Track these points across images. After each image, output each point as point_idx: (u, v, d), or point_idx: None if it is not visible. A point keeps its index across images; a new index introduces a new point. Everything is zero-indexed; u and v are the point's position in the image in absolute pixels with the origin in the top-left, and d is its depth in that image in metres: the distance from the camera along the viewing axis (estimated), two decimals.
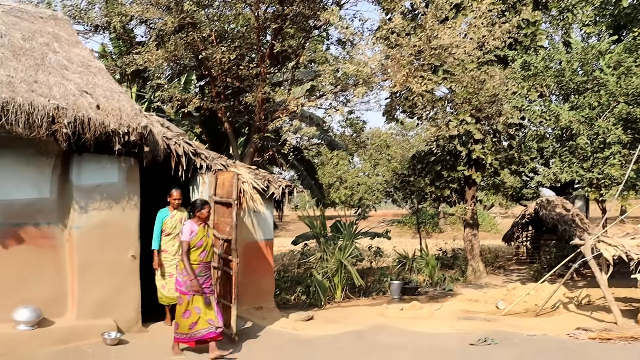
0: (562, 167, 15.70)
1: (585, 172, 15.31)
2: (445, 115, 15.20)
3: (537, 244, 21.48)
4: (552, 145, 16.48)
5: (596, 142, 15.45)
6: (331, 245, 13.47)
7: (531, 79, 16.18)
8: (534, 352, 7.89)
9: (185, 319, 7.68)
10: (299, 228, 25.37)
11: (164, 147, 8.92)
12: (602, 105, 15.83)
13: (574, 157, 15.77)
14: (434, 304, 12.38)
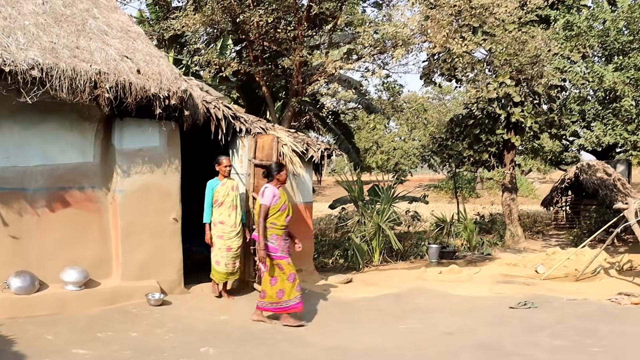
0: (605, 129, 15.38)
1: (629, 135, 14.97)
2: (485, 78, 14.94)
3: (577, 208, 21.21)
4: (595, 108, 16.13)
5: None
6: (369, 209, 13.48)
7: (574, 39, 15.76)
8: (575, 316, 7.82)
9: (273, 285, 7.51)
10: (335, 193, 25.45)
11: (203, 111, 8.96)
12: None
13: (617, 119, 15.42)
14: (473, 268, 12.35)
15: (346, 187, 14.56)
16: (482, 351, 6.12)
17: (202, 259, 11.20)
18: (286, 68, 12.98)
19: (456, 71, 14.51)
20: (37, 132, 7.99)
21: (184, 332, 7.00)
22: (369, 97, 17.76)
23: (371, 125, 32.37)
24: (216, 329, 7.18)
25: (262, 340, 6.73)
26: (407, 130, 35.27)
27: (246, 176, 9.36)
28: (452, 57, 12.31)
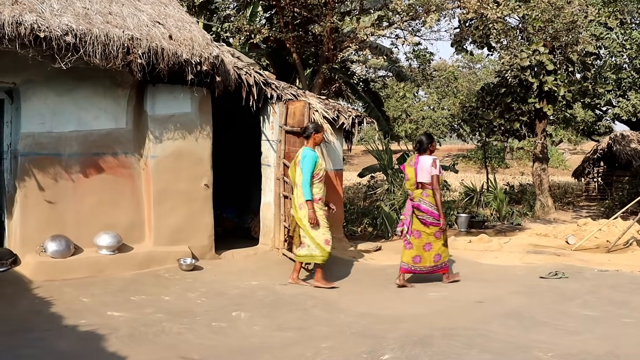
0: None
1: None
2: (518, 45, 14.68)
3: (609, 180, 20.92)
4: (631, 76, 15.80)
5: None
6: (398, 178, 13.43)
7: (612, 4, 15.38)
8: (607, 286, 7.76)
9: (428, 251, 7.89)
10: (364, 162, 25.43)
11: (235, 77, 8.95)
12: None
13: None
14: (502, 238, 12.30)
15: (375, 155, 14.51)
16: (512, 320, 6.11)
17: (232, 226, 11.40)
18: (317, 35, 12.88)
19: (489, 38, 14.26)
20: (71, 98, 8.08)
21: (216, 297, 7.10)
22: (399, 64, 17.58)
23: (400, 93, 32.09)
24: (248, 294, 7.27)
25: (295, 305, 6.79)
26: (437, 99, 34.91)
27: (277, 143, 9.36)
28: (485, 23, 12.08)
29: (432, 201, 7.80)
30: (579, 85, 16.47)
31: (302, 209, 7.76)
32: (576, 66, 16.70)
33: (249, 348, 5.27)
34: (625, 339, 5.49)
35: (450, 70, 31.31)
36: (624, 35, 15.82)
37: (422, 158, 7.92)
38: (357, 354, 5.05)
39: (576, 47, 14.30)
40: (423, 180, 7.86)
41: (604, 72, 17.42)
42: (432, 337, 5.45)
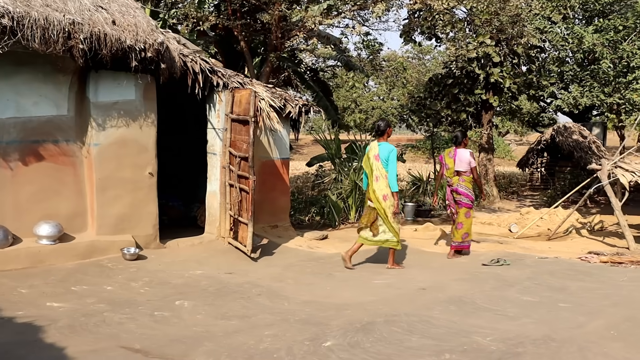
0: (582, 91, 15.48)
1: (605, 97, 15.11)
2: (465, 37, 14.87)
3: (552, 170, 21.43)
4: (573, 70, 16.20)
5: (619, 66, 15.18)
6: (346, 167, 13.50)
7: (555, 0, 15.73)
8: (547, 273, 7.97)
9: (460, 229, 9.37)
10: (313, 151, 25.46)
11: (180, 65, 8.83)
12: (627, 28, 15.44)
13: (595, 81, 15.52)
14: (447, 226, 12.47)
15: (323, 144, 14.55)
16: (454, 306, 6.22)
17: (178, 215, 11.28)
18: (265, 23, 12.77)
19: (436, 29, 14.42)
20: (10, 83, 7.84)
21: (160, 286, 7.02)
22: (348, 54, 17.60)
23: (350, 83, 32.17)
24: (192, 283, 7.21)
25: (239, 294, 6.77)
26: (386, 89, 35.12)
27: (223, 131, 9.29)
28: (432, 14, 12.19)
29: (469, 186, 9.38)
30: (524, 77, 16.80)
31: (388, 200, 8.18)
32: (521, 59, 17.01)
33: (192, 337, 5.23)
34: (561, 322, 5.65)
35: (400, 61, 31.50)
36: (566, 30, 16.19)
37: (459, 151, 9.48)
38: (300, 341, 5.07)
39: (521, 40, 14.57)
40: (460, 169, 9.39)
41: (548, 65, 17.81)
42: (374, 323, 5.51)
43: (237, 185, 8.83)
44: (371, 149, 8.40)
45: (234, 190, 8.94)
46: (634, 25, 15.41)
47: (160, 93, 8.95)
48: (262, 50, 15.88)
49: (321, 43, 15.76)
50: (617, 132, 21.82)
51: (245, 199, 8.61)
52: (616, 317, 5.81)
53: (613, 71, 15.15)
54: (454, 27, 14.29)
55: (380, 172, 8.22)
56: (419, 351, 4.86)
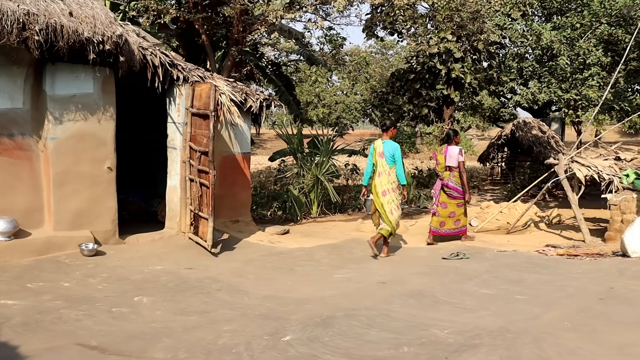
0: (540, 87, 15.72)
1: (563, 93, 15.37)
2: (426, 32, 14.99)
3: (512, 165, 21.71)
4: (532, 66, 16.43)
5: (576, 63, 15.45)
6: (308, 162, 13.50)
7: None
8: (505, 266, 8.09)
9: (451, 217, 10.26)
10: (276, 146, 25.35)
11: (140, 58, 8.71)
12: (584, 26, 15.72)
13: (553, 77, 15.77)
14: (409, 221, 12.57)
15: (285, 139, 14.53)
16: (413, 299, 6.28)
17: (138, 210, 11.16)
18: (227, 16, 12.67)
19: (397, 24, 14.50)
20: None
21: (118, 282, 6.95)
22: (310, 48, 17.60)
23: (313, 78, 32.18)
24: (151, 279, 7.15)
25: (199, 289, 6.74)
26: (349, 84, 35.21)
27: (183, 125, 9.21)
28: (394, 9, 12.25)
29: (458, 180, 10.20)
30: (484, 73, 17.02)
31: (387, 195, 8.69)
32: (482, 55, 17.22)
33: (150, 333, 5.19)
34: (517, 314, 5.75)
35: (362, 56, 31.61)
36: (525, 27, 16.41)
37: (450, 148, 10.22)
38: (259, 336, 5.06)
39: (481, 36, 14.74)
40: (450, 165, 10.19)
41: (508, 61, 18.04)
42: (334, 317, 5.53)
43: (198, 180, 8.76)
44: (376, 147, 8.85)
45: (195, 185, 8.87)
46: (590, 24, 15.69)
47: (119, 86, 8.82)
48: (224, 44, 15.76)
49: (283, 37, 15.73)
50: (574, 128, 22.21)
51: (206, 194, 8.55)
52: (570, 308, 5.93)
53: (570, 68, 15.40)
54: (415, 23, 14.39)
55: (383, 168, 8.72)
56: (378, 345, 4.89)
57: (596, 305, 6.04)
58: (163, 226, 9.69)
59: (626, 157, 12.08)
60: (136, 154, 11.24)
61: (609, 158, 11.91)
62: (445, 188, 10.24)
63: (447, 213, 10.21)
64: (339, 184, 15.79)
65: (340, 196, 13.76)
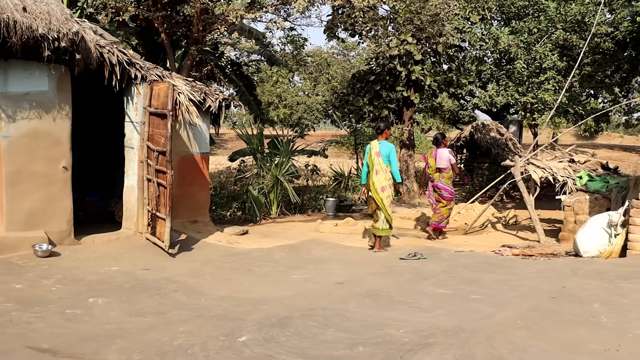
0: (498, 90, 15.98)
1: (520, 96, 15.65)
2: (387, 34, 15.08)
3: (471, 166, 21.99)
4: (491, 69, 16.70)
5: (532, 66, 15.75)
6: (268, 162, 13.48)
7: (474, 1, 16.17)
8: (461, 266, 8.19)
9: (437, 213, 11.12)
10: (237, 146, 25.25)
11: (97, 56, 8.58)
12: (540, 30, 16.05)
13: (510, 81, 16.05)
14: (368, 221, 12.63)
15: (245, 139, 14.48)
16: (369, 299, 6.32)
17: (95, 210, 11.01)
18: (187, 15, 12.55)
19: (357, 26, 14.55)
20: None
21: (73, 283, 6.83)
22: (271, 48, 17.55)
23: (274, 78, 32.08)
24: (107, 280, 7.05)
25: (156, 290, 6.67)
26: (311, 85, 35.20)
27: (141, 125, 9.11)
28: (354, 11, 12.30)
29: (448, 182, 11.07)
30: (444, 75, 17.18)
31: (385, 191, 9.39)
32: (442, 57, 17.39)
33: (104, 335, 5.11)
34: (472, 313, 5.82)
35: (324, 57, 31.63)
36: (484, 30, 16.67)
37: (440, 150, 11.08)
38: (215, 336, 5.03)
39: (440, 39, 14.89)
40: (441, 166, 11.01)
41: (467, 64, 18.29)
42: (290, 318, 5.53)
43: (155, 180, 8.68)
44: (373, 147, 9.54)
45: (152, 185, 8.79)
46: (546, 29, 16.03)
47: (76, 84, 8.68)
48: (184, 42, 15.61)
49: (244, 37, 15.65)
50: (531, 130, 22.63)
51: (163, 194, 8.48)
52: (522, 307, 6.03)
53: (527, 71, 15.71)
54: (375, 25, 14.47)
55: (380, 166, 9.40)
56: (334, 344, 4.91)
57: (548, 304, 6.16)
58: (120, 226, 9.57)
59: (580, 159, 12.36)
60: (94, 153, 11.09)
61: (563, 160, 12.18)
62: (436, 189, 11.13)
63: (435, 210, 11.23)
64: (299, 185, 15.80)
65: (300, 197, 13.78)
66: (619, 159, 31.10)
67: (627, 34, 16.06)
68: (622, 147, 38.70)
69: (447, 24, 14.99)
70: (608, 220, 8.87)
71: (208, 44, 13.63)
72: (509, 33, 16.31)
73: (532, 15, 16.91)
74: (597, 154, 29.82)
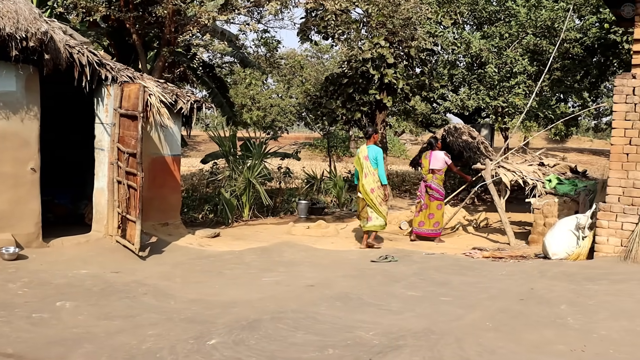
0: (469, 94, 16.13)
1: (491, 100, 15.81)
2: (359, 38, 15.13)
3: None
4: (462, 73, 16.85)
5: (503, 71, 15.93)
6: (240, 165, 13.44)
7: (446, 5, 16.31)
8: (432, 268, 8.24)
9: (431, 218, 11.26)
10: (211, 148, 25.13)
11: (66, 56, 8.48)
12: (511, 35, 16.25)
13: (481, 85, 16.21)
14: (340, 224, 12.69)
15: (217, 141, 14.42)
16: (340, 302, 6.33)
17: (64, 212, 10.88)
18: (159, 16, 12.46)
19: (329, 29, 14.57)
20: None
21: (40, 287, 6.73)
22: (244, 51, 17.51)
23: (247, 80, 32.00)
24: (75, 283, 6.96)
25: (125, 293, 6.60)
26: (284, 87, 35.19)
27: (111, 126, 9.02)
28: (327, 14, 12.32)
29: (440, 183, 11.35)
30: (417, 79, 17.27)
31: (375, 192, 10.07)
32: (415, 61, 17.49)
33: (71, 338, 5.05)
34: (441, 315, 5.86)
35: (297, 60, 31.65)
36: (456, 34, 16.83)
37: (434, 153, 11.40)
38: (184, 339, 5.00)
39: (412, 42, 14.97)
40: (435, 167, 11.32)
41: (439, 68, 18.44)
42: (260, 321, 5.51)
43: (125, 182, 8.60)
44: (361, 151, 10.26)
45: (122, 187, 8.71)
46: (517, 34, 16.23)
47: (45, 85, 8.57)
48: (156, 44, 15.51)
49: (217, 39, 15.58)
50: (502, 134, 22.88)
51: (134, 196, 8.41)
52: (491, 309, 6.09)
53: (498, 75, 15.90)
54: (348, 28, 14.51)
55: (369, 169, 10.07)
56: (303, 347, 4.90)
57: (517, 305, 6.22)
58: (90, 229, 9.46)
59: (549, 162, 12.53)
60: (63, 154, 10.96)
61: (533, 164, 12.33)
62: (428, 189, 11.33)
63: (427, 214, 11.24)
64: (271, 187, 15.76)
65: (272, 199, 13.77)
66: (589, 163, 31.56)
67: (595, 40, 16.34)
68: (592, 151, 39.27)
69: (419, 28, 15.07)
70: (576, 223, 8.99)
71: (180, 45, 13.54)
72: (480, 38, 16.49)
73: (503, 20, 17.12)
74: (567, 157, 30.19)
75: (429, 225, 11.28)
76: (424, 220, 11.32)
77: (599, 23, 16.15)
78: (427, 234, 11.29)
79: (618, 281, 7.12)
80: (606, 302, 6.25)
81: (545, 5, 15.88)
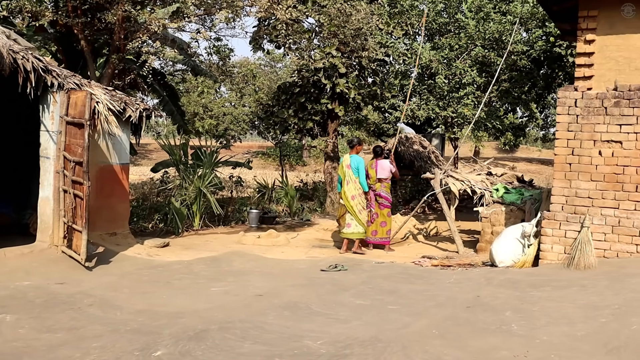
0: (420, 104, 16.35)
1: (440, 110, 16.06)
2: (312, 47, 15.21)
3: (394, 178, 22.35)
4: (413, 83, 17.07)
5: (453, 82, 16.21)
6: (191, 174, 13.33)
7: (397, 16, 16.53)
8: (381, 277, 8.29)
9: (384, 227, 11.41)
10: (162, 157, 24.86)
11: (9, 61, 8.28)
12: (461, 47, 16.55)
13: (431, 95, 16.46)
14: (291, 233, 12.69)
15: (168, 150, 14.29)
16: (288, 311, 6.32)
17: (7, 222, 10.62)
18: (108, 23, 12.27)
19: (280, 38, 14.60)
20: None
21: None
22: (196, 59, 17.40)
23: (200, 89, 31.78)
24: (17, 295, 6.80)
25: (69, 305, 6.47)
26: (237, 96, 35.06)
27: (57, 134, 8.84)
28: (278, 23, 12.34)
29: (388, 190, 11.53)
30: (368, 88, 17.43)
31: (355, 199, 10.76)
32: (367, 71, 17.65)
33: (10, 353, 4.92)
34: (388, 324, 5.91)
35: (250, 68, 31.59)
36: (407, 45, 17.06)
37: (380, 162, 11.52)
38: (129, 351, 4.93)
39: (363, 52, 15.11)
40: (382, 177, 11.46)
41: (390, 78, 18.65)
42: (208, 331, 5.47)
43: (72, 191, 8.44)
44: (344, 160, 10.96)
45: (68, 197, 8.54)
46: (466, 45, 16.55)
47: None
48: (106, 50, 15.27)
49: (168, 46, 15.44)
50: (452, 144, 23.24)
51: (80, 206, 8.25)
52: (438, 316, 6.16)
53: (447, 86, 16.16)
54: (300, 38, 14.57)
55: (350, 177, 10.79)
56: (250, 357, 4.88)
57: (463, 313, 6.32)
58: (35, 239, 9.22)
59: (497, 172, 12.78)
60: (7, 163, 10.69)
61: (481, 173, 12.56)
62: (378, 198, 11.43)
63: (379, 222, 11.40)
64: (223, 196, 15.67)
65: (223, 208, 13.69)
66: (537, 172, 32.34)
67: (541, 53, 16.77)
68: (540, 161, 40.26)
69: (370, 39, 15.22)
70: (522, 231, 9.18)
71: (131, 52, 13.36)
72: (430, 49, 16.75)
73: (453, 32, 17.43)
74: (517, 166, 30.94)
75: (383, 234, 11.46)
76: (376, 229, 11.45)
77: (545, 36, 16.59)
78: (382, 242, 11.46)
79: (560, 287, 7.29)
80: (548, 308, 6.40)
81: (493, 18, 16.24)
